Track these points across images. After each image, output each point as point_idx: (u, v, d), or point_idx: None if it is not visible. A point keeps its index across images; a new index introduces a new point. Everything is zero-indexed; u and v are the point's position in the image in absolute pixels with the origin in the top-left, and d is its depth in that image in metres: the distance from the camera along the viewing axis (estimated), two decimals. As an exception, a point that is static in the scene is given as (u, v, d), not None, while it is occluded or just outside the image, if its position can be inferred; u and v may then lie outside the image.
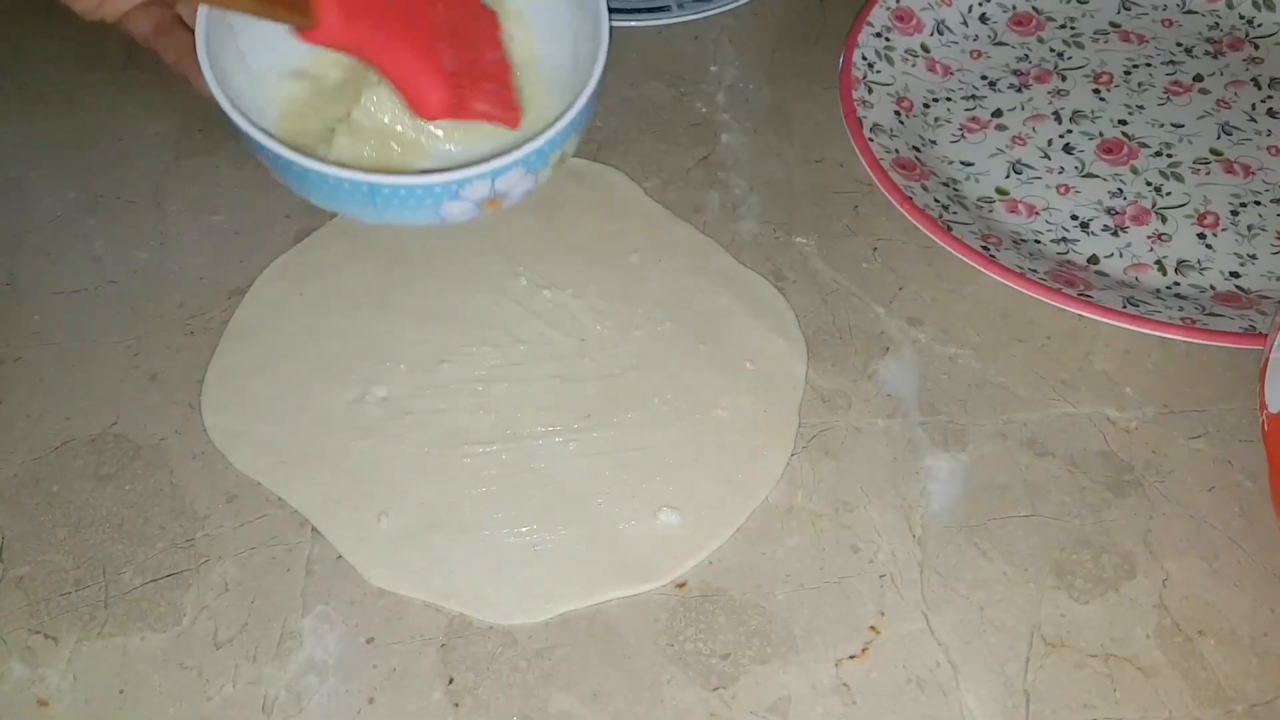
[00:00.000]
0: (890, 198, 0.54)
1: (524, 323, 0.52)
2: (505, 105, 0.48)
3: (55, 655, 0.43)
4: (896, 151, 0.57)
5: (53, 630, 0.43)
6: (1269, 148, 0.58)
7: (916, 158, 0.57)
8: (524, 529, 0.45)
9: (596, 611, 0.43)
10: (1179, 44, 0.64)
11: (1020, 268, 0.51)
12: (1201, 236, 0.55)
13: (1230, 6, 0.65)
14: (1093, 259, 0.54)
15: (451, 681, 0.42)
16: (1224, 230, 0.55)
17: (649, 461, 0.47)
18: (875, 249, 0.55)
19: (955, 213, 0.54)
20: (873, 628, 0.43)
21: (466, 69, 0.45)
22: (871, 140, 0.56)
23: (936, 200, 0.55)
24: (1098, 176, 0.58)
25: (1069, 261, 0.54)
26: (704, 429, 0.48)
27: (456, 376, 0.50)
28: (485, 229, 0.56)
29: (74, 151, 0.60)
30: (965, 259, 0.51)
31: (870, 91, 0.59)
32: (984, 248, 0.52)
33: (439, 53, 0.44)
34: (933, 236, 0.52)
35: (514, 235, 0.55)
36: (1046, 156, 0.59)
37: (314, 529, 0.46)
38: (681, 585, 0.44)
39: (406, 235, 0.56)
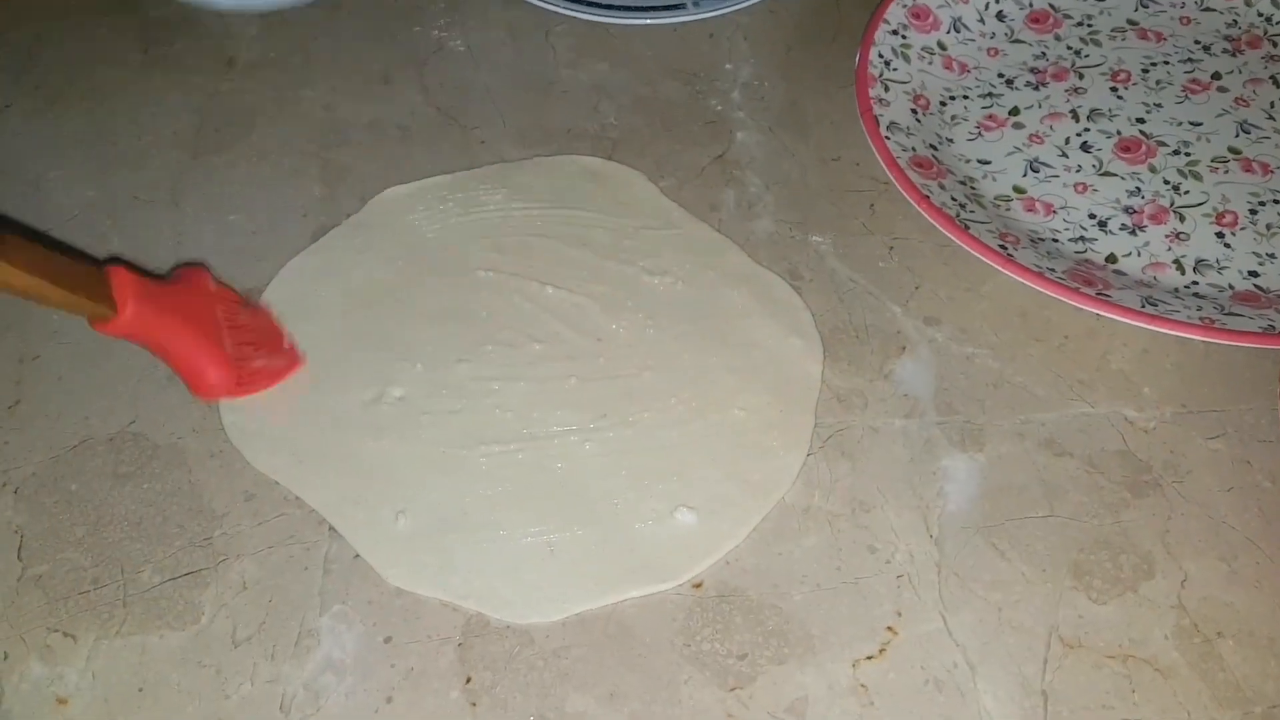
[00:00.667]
0: (907, 196, 0.53)
1: (540, 322, 0.52)
2: (286, 360, 0.51)
3: (74, 653, 0.43)
4: (913, 150, 0.57)
5: (71, 628, 0.43)
6: (1288, 146, 0.58)
7: (933, 156, 0.57)
8: (540, 528, 0.45)
9: (613, 611, 0.43)
10: (1197, 41, 0.63)
11: (1038, 267, 0.51)
12: (1220, 235, 0.54)
13: (1249, 4, 0.64)
14: (1111, 258, 0.54)
15: (469, 681, 0.42)
16: (1243, 229, 0.55)
17: (665, 461, 0.47)
18: (892, 248, 0.55)
19: (972, 211, 0.54)
20: (890, 628, 0.43)
21: (245, 357, 0.49)
22: (888, 138, 0.56)
23: (954, 199, 0.54)
24: (1115, 175, 0.57)
25: (1087, 260, 0.53)
26: (720, 429, 0.48)
27: (472, 376, 0.50)
28: (500, 230, 0.56)
29: (92, 151, 0.60)
30: (982, 258, 0.51)
31: (887, 90, 0.59)
32: (1001, 246, 0.52)
33: (222, 345, 0.47)
34: (950, 235, 0.52)
35: (529, 235, 0.55)
36: (1064, 155, 0.58)
37: (331, 528, 0.46)
38: (698, 585, 0.44)
39: (422, 235, 0.56)
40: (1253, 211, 0.55)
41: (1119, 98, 0.61)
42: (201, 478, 0.47)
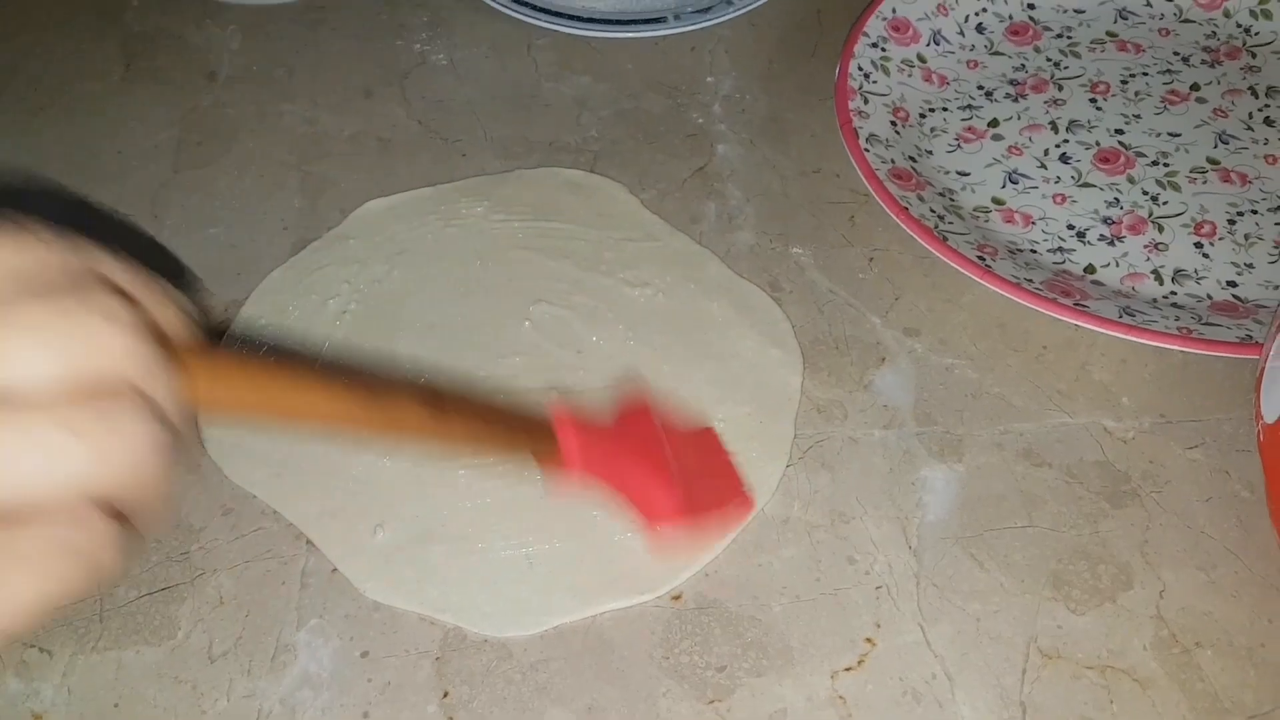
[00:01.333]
0: (886, 208, 0.54)
1: (521, 335, 0.52)
2: (735, 495, 0.47)
3: (50, 669, 0.42)
4: (893, 162, 0.57)
5: (47, 644, 0.43)
6: (1266, 156, 0.58)
7: (913, 168, 0.57)
8: (519, 542, 0.45)
9: (591, 624, 0.43)
10: (1176, 53, 0.64)
11: (1016, 278, 0.51)
12: (1198, 246, 0.55)
13: (1227, 15, 0.65)
14: (1089, 268, 0.54)
15: (446, 695, 0.42)
16: (1221, 239, 0.55)
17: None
18: (871, 259, 0.55)
19: (951, 223, 0.54)
20: (869, 640, 0.43)
21: (694, 478, 0.45)
22: (868, 151, 0.56)
23: (932, 210, 0.55)
24: (1094, 186, 0.57)
25: (1065, 271, 0.54)
26: (700, 440, 0.48)
27: (453, 389, 0.50)
28: (482, 243, 0.56)
29: (73, 164, 0.60)
30: (961, 269, 0.51)
31: (866, 102, 0.59)
32: (980, 258, 0.52)
33: (670, 471, 0.44)
34: (929, 247, 0.52)
35: (511, 248, 0.56)
36: (1043, 166, 0.59)
37: (309, 542, 0.46)
38: (677, 598, 0.44)
39: (403, 248, 0.56)
40: (1231, 222, 0.55)
41: (1098, 109, 0.61)
42: (179, 492, 0.47)
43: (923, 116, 0.61)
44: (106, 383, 0.24)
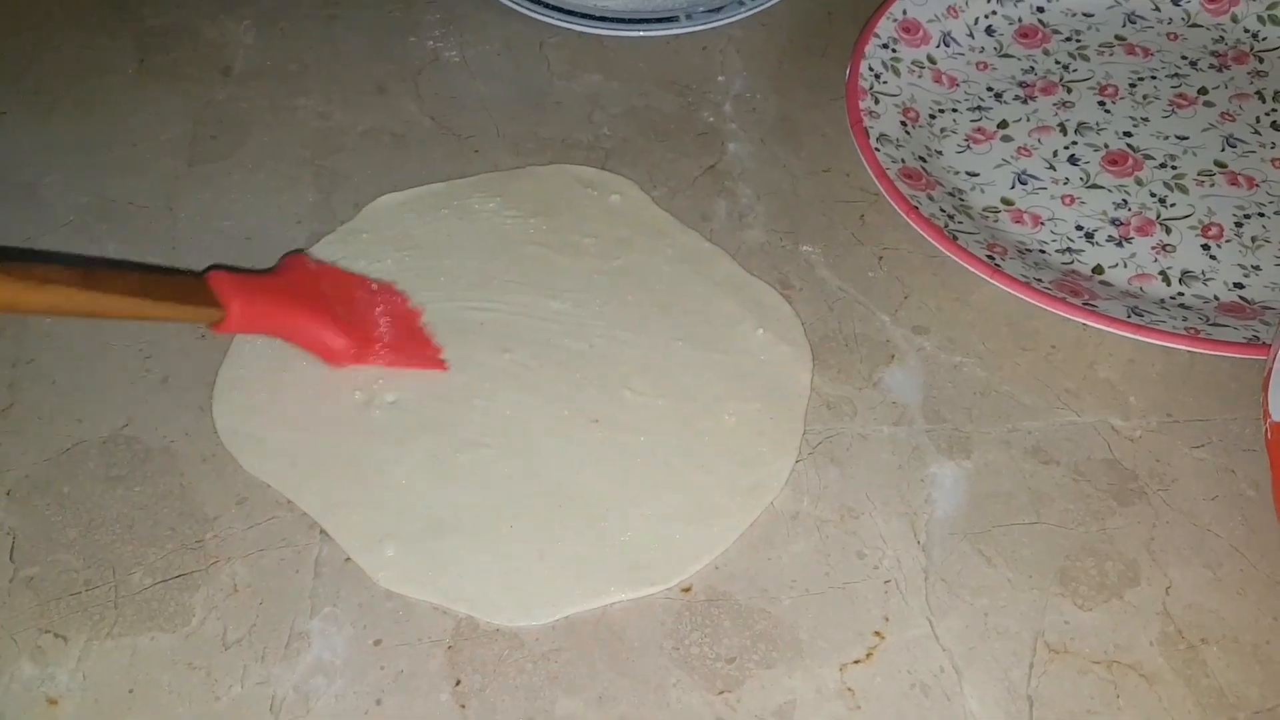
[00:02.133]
0: (896, 207, 0.54)
1: (532, 330, 0.52)
2: (419, 347, 0.52)
3: (65, 654, 0.43)
4: (903, 161, 0.57)
5: (62, 629, 0.43)
6: (1273, 160, 0.58)
7: (923, 168, 0.58)
8: (531, 532, 0.46)
9: (602, 615, 0.44)
10: (1184, 57, 0.64)
11: (1025, 277, 0.51)
12: (1206, 248, 0.55)
13: (1235, 20, 0.65)
14: (1097, 269, 0.54)
15: (458, 683, 0.42)
16: (1228, 241, 0.55)
17: (655, 466, 0.47)
18: (881, 258, 0.56)
19: (961, 222, 0.55)
20: (877, 633, 0.43)
21: (363, 324, 0.51)
22: (878, 150, 0.57)
23: (942, 210, 0.55)
24: (1102, 188, 0.58)
25: (1074, 271, 0.54)
26: (710, 435, 0.49)
27: (464, 381, 0.50)
28: (494, 239, 0.56)
29: (87, 157, 0.61)
30: (970, 268, 0.51)
31: (877, 102, 0.60)
32: (989, 257, 0.52)
33: (335, 313, 0.50)
34: (938, 246, 0.52)
35: (523, 243, 0.56)
36: (1052, 168, 0.59)
37: (323, 531, 0.46)
38: (687, 589, 0.44)
39: (416, 242, 0.56)
40: (1238, 224, 0.56)
41: (1106, 112, 0.62)
42: (194, 481, 0.48)
43: (933, 117, 0.61)
44: None
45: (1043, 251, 0.55)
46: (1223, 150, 0.59)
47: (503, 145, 0.62)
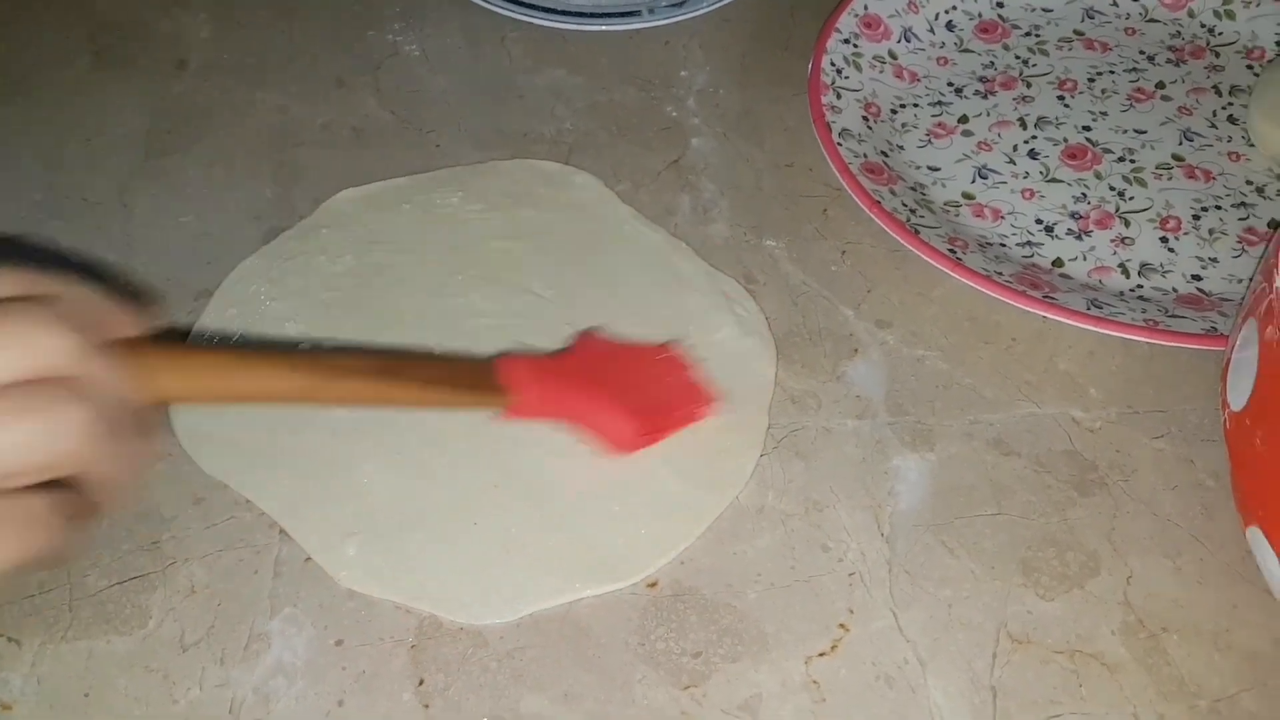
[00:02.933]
0: (859, 202, 0.54)
1: (497, 325, 0.52)
2: (698, 402, 0.49)
3: (18, 659, 0.42)
4: (865, 156, 0.57)
5: (16, 633, 0.43)
6: (1229, 153, 0.59)
7: (884, 162, 0.58)
8: (495, 530, 0.45)
9: (567, 611, 0.43)
10: (1141, 52, 0.65)
11: (987, 270, 0.52)
12: (1164, 240, 0.56)
13: (1191, 15, 0.66)
14: (1057, 262, 0.55)
15: (421, 683, 0.42)
16: (1186, 234, 0.56)
17: (620, 461, 0.47)
18: (844, 252, 0.56)
19: (923, 216, 0.55)
20: (842, 625, 0.43)
21: (654, 403, 0.48)
22: (840, 145, 0.57)
23: (904, 204, 0.55)
24: (1062, 181, 0.58)
25: (1034, 265, 0.54)
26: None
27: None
28: (457, 234, 0.56)
29: (39, 153, 0.60)
30: (933, 262, 0.52)
31: (839, 97, 0.60)
32: (950, 251, 0.52)
33: (626, 398, 0.47)
34: (900, 240, 0.52)
35: (485, 238, 0.55)
36: (1012, 162, 0.59)
37: (283, 531, 0.45)
38: (653, 585, 0.44)
39: (377, 238, 0.56)
40: (1195, 217, 0.56)
41: (1066, 106, 0.62)
42: (150, 481, 0.47)
43: (894, 112, 0.62)
44: (38, 375, 0.27)
45: (1004, 245, 0.55)
46: (1180, 144, 0.60)
47: (464, 139, 0.61)
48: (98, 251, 0.55)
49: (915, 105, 0.62)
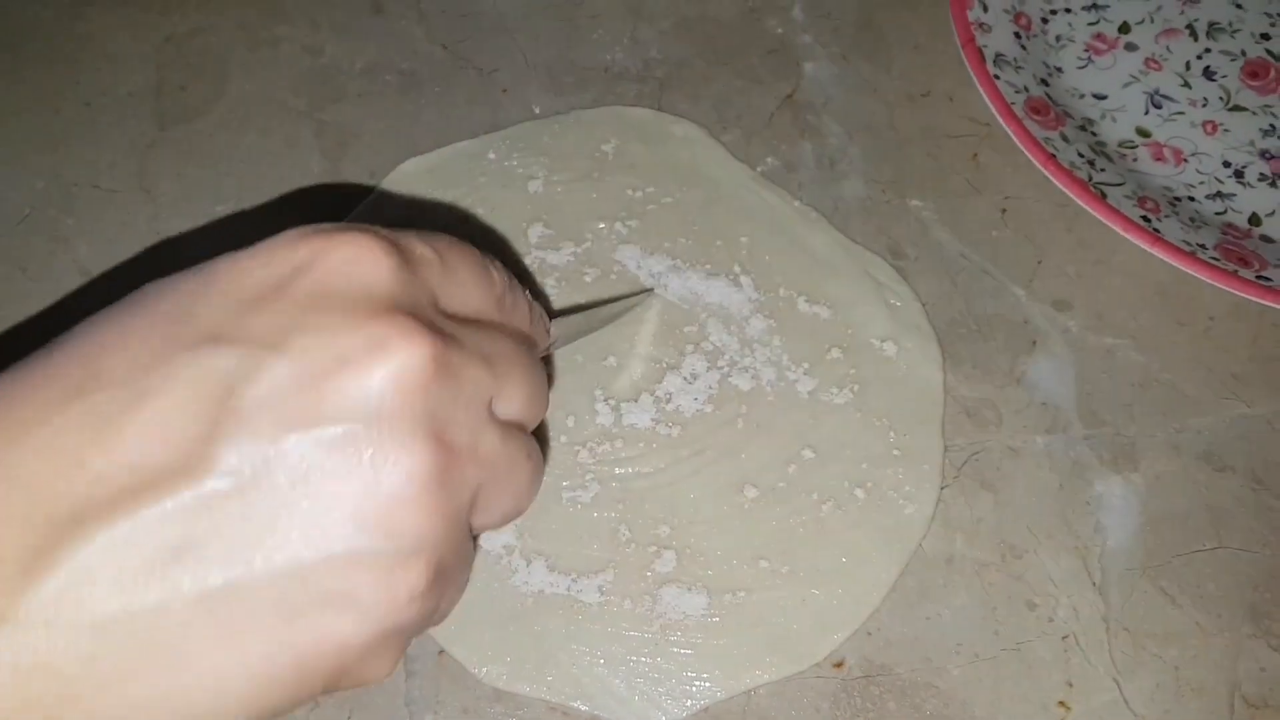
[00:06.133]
0: (1032, 158, 0.46)
1: (624, 335, 0.44)
2: None
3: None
4: (1026, 90, 0.48)
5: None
6: None
7: (1046, 95, 0.49)
8: (648, 612, 0.39)
9: (747, 703, 0.38)
10: (1327, -71, 0.55)
11: (1188, 245, 0.44)
12: (1375, 183, 0.48)
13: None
14: (1254, 219, 0.47)
15: (592, 798, 0.37)
16: (1400, 174, 0.48)
17: (773, 512, 0.41)
18: (1004, 210, 0.48)
19: (1103, 170, 0.47)
20: (1062, 703, 0.38)
21: None
22: (998, 78, 0.48)
23: (1080, 155, 0.47)
24: (1246, 109, 0.50)
25: (1231, 226, 0.47)
26: (834, 467, 0.42)
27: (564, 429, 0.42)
28: (545, 214, 0.47)
29: (32, 123, 0.49)
30: (1128, 236, 0.44)
31: (985, 10, 0.50)
32: (1144, 218, 0.45)
33: None
34: (1086, 207, 0.44)
35: (579, 219, 0.47)
36: (1186, 85, 0.50)
37: (405, 617, 0.39)
38: (839, 665, 0.39)
39: (459, 223, 0.47)
40: (1407, 149, 0.48)
41: (1238, 7, 0.52)
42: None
43: (1045, 21, 0.52)
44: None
45: (1192, 200, 0.47)
46: (1381, 51, 0.51)
47: (535, 79, 0.51)
48: (124, 254, 0.46)
49: (1067, 10, 0.52)
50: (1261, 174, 0.48)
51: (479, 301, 0.28)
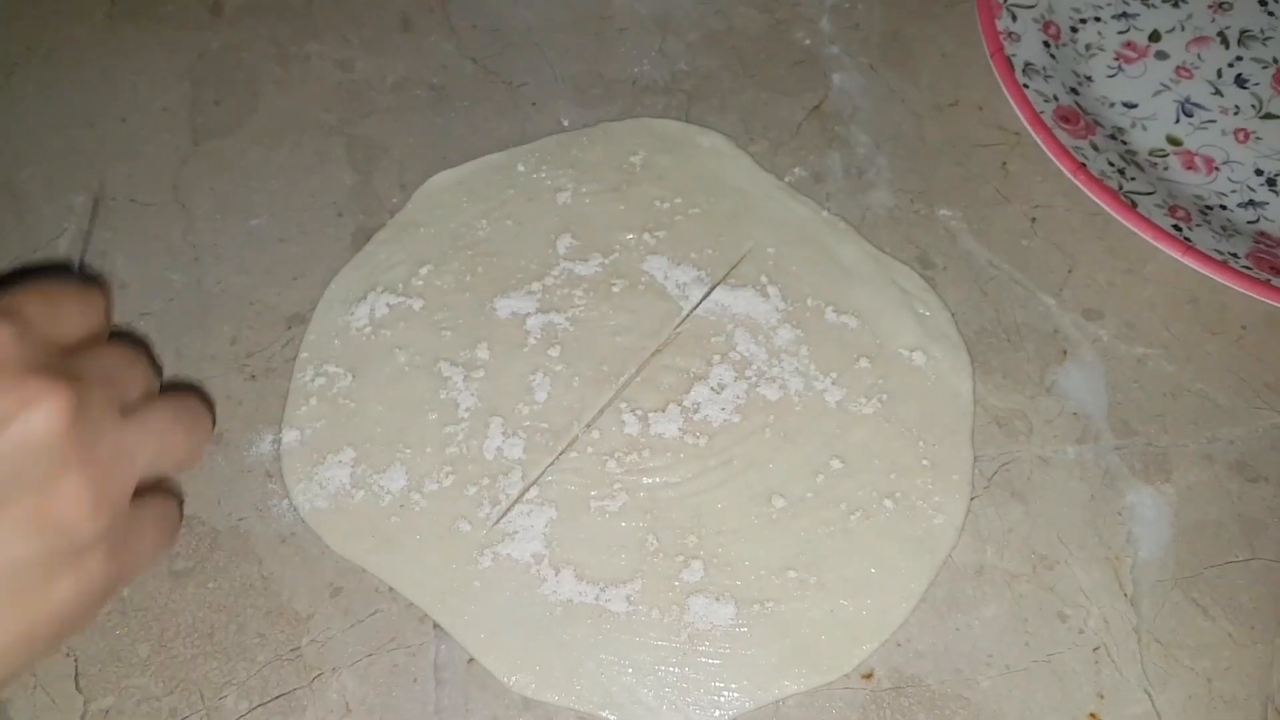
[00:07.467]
0: (1062, 167, 0.46)
1: (636, 348, 0.44)
2: None
3: (162, 803, 0.37)
4: (1055, 99, 0.48)
5: (154, 772, 0.37)
6: None
7: (1076, 104, 0.49)
8: (677, 621, 0.39)
9: (775, 714, 0.38)
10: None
11: (1220, 253, 0.44)
12: None
13: None
14: (1288, 225, 0.47)
15: (622, 808, 0.37)
16: None
17: (802, 523, 0.41)
18: (1034, 219, 0.48)
19: (1133, 178, 0.46)
20: (1093, 715, 0.38)
21: None
22: (1027, 87, 0.47)
23: (1111, 164, 0.47)
24: (1277, 116, 0.49)
25: (1263, 234, 0.46)
26: (863, 477, 0.42)
27: (590, 439, 0.43)
28: (574, 226, 0.47)
29: (68, 137, 0.50)
30: (1160, 245, 0.44)
31: (1014, 19, 0.50)
32: (1175, 228, 0.44)
33: None
34: (1116, 216, 0.44)
35: (607, 231, 0.47)
36: (1218, 92, 0.50)
37: (436, 625, 0.40)
38: (868, 676, 0.39)
39: (482, 236, 0.47)
40: None
41: (1270, 14, 0.52)
42: (275, 569, 0.41)
43: (1074, 30, 0.52)
44: None
45: (1224, 208, 0.47)
46: None
47: (562, 91, 0.52)
48: (161, 269, 0.47)
49: (1097, 20, 0.52)
50: (1295, 181, 0.48)
51: (86, 323, 0.34)
